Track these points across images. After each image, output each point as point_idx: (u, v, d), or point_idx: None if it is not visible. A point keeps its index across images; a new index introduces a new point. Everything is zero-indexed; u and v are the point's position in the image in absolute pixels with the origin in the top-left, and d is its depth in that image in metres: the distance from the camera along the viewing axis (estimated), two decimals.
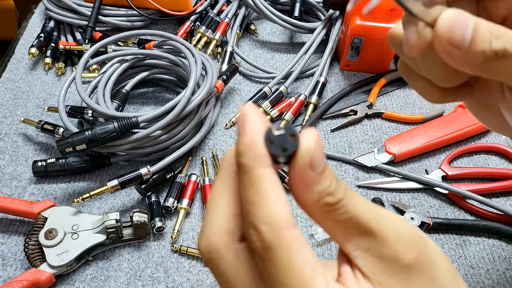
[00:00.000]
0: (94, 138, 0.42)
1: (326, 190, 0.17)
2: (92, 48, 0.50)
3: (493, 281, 0.40)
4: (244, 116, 0.17)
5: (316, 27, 0.60)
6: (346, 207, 0.18)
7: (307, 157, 0.17)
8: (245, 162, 0.17)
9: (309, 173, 0.17)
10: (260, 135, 0.17)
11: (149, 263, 0.41)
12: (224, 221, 0.18)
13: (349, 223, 0.18)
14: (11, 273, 0.40)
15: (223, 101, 0.56)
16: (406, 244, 0.17)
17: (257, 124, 0.17)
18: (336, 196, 0.17)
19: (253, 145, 0.17)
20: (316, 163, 0.17)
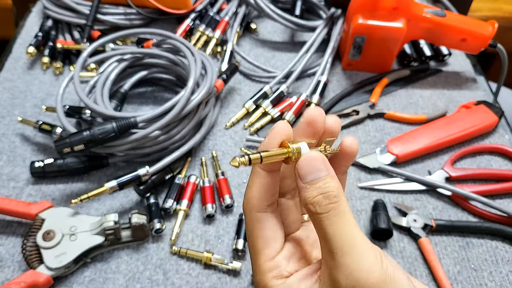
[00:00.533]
0: (92, 139, 0.41)
1: (308, 199, 0.22)
2: (91, 47, 0.49)
3: (496, 283, 0.40)
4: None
5: (318, 26, 0.60)
6: (322, 222, 0.22)
7: (297, 168, 0.23)
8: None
9: (298, 180, 0.23)
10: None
11: (148, 265, 0.40)
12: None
13: (321, 235, 0.22)
14: (8, 274, 0.39)
15: (223, 101, 0.55)
16: (353, 283, 0.21)
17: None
18: (315, 209, 0.22)
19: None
20: (302, 175, 0.23)
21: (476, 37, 0.54)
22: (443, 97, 0.57)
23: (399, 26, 0.52)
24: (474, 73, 0.61)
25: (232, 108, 0.54)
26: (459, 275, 0.41)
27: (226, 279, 0.40)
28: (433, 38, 0.55)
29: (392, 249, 0.42)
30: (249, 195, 0.25)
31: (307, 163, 0.23)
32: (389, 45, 0.54)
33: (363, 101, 0.55)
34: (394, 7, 0.52)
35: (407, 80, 0.58)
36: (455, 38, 0.54)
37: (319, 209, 0.22)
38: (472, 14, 1.06)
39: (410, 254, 0.42)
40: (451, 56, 0.61)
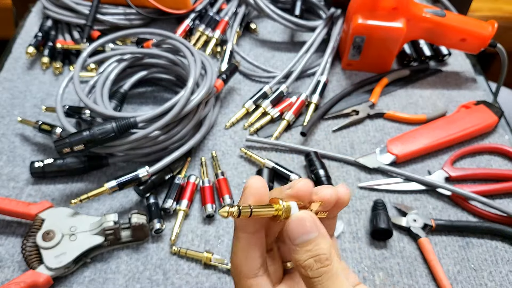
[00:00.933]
0: (92, 139, 0.41)
1: (299, 262, 0.22)
2: (90, 47, 0.49)
3: (496, 283, 0.40)
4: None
5: (317, 26, 0.60)
6: (315, 286, 0.21)
7: (285, 230, 0.22)
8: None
9: (287, 242, 0.22)
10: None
11: (147, 265, 0.40)
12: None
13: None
14: (8, 275, 0.39)
15: (223, 101, 0.55)
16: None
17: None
18: (306, 272, 0.22)
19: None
20: (292, 237, 0.22)
21: (476, 37, 0.54)
22: (443, 97, 0.57)
23: (399, 26, 0.52)
24: (474, 73, 0.61)
25: (232, 108, 0.54)
26: (459, 275, 0.41)
27: (226, 279, 0.40)
28: (433, 38, 0.55)
29: (392, 249, 0.42)
30: (236, 262, 0.24)
31: (296, 225, 0.22)
32: (389, 45, 0.54)
33: (363, 101, 0.55)
34: (394, 7, 0.52)
35: (407, 80, 0.58)
36: (455, 38, 0.54)
37: (311, 273, 0.21)
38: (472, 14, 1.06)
39: (410, 254, 0.42)
40: (451, 56, 0.61)
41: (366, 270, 0.40)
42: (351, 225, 0.44)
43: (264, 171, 0.45)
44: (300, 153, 0.50)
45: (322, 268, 0.21)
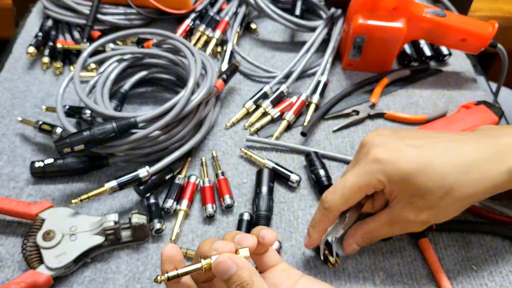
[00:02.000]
0: (92, 139, 0.41)
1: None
2: (91, 47, 0.49)
3: (496, 283, 0.40)
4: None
5: (318, 26, 0.60)
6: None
7: (214, 273, 0.29)
8: None
9: (219, 279, 0.29)
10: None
11: (148, 265, 0.40)
12: None
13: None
14: (8, 274, 0.39)
15: (223, 101, 0.55)
16: None
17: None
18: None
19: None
20: (220, 275, 0.28)
21: (476, 37, 0.54)
22: (443, 97, 0.57)
23: (399, 26, 0.52)
24: (474, 73, 0.61)
25: (232, 108, 0.54)
26: (459, 275, 0.41)
27: None
28: (433, 38, 0.55)
29: (392, 249, 0.42)
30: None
31: (217, 267, 0.28)
32: (389, 45, 0.54)
33: (363, 101, 0.55)
34: (394, 7, 0.52)
35: (407, 80, 0.58)
36: (455, 38, 0.54)
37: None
38: (472, 14, 1.06)
39: (410, 254, 0.42)
40: (451, 56, 0.61)
41: (366, 270, 0.40)
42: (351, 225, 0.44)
43: (264, 171, 0.45)
44: (300, 153, 0.50)
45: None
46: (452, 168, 0.33)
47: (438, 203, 0.33)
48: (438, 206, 0.34)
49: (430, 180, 0.33)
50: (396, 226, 0.36)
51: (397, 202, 0.35)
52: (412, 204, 0.34)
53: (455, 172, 0.33)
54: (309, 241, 0.38)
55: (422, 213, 0.34)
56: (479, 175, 0.33)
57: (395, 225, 0.36)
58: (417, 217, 0.34)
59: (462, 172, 0.33)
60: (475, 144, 0.34)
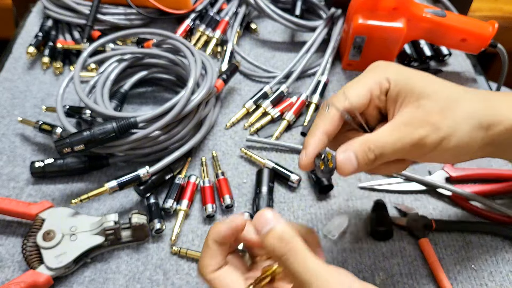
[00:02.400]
0: (92, 139, 0.41)
1: (267, 247, 0.27)
2: (91, 47, 0.49)
3: (496, 283, 0.40)
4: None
5: (318, 26, 0.60)
6: (286, 262, 0.26)
7: (254, 226, 0.28)
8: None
9: (258, 234, 0.28)
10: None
11: (148, 265, 0.40)
12: None
13: (289, 273, 0.26)
14: (8, 274, 0.39)
15: (223, 101, 0.55)
16: None
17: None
18: (274, 253, 0.26)
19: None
20: (259, 230, 0.27)
21: (476, 37, 0.54)
22: None
23: (399, 26, 0.52)
24: (474, 73, 0.61)
25: (232, 108, 0.54)
26: (459, 275, 0.41)
27: None
28: (433, 38, 0.55)
29: (392, 249, 0.42)
30: (202, 263, 0.29)
31: (258, 220, 0.27)
32: (389, 45, 0.54)
33: None
34: (394, 7, 0.52)
35: None
36: (455, 38, 0.54)
37: (278, 252, 0.26)
38: (472, 14, 1.06)
39: (410, 254, 0.42)
40: (451, 56, 0.61)
41: (366, 270, 0.40)
42: (351, 225, 0.44)
43: (264, 171, 0.45)
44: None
45: (287, 245, 0.26)
46: (456, 88, 0.32)
47: (448, 105, 0.30)
48: (448, 109, 0.30)
49: (436, 83, 0.31)
50: (403, 133, 0.30)
51: (404, 107, 0.31)
52: (420, 107, 0.30)
53: (461, 89, 0.31)
54: (305, 153, 0.31)
55: (431, 116, 0.30)
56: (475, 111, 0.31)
57: (402, 130, 0.30)
58: (427, 117, 0.30)
59: (467, 91, 0.31)
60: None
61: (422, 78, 0.31)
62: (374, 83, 0.32)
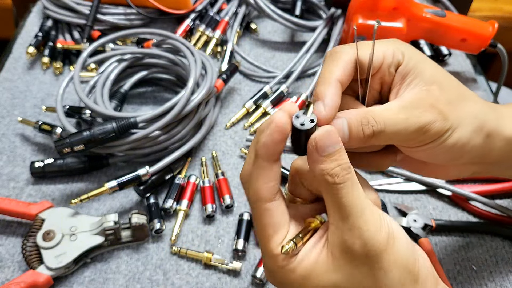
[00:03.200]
0: (92, 139, 0.41)
1: (326, 170, 0.24)
2: (91, 47, 0.49)
3: (496, 283, 0.40)
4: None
5: (318, 26, 0.60)
6: (340, 191, 0.24)
7: (313, 142, 0.24)
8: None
9: (314, 154, 0.24)
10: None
11: (148, 265, 0.40)
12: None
13: (335, 202, 0.24)
14: (8, 275, 0.39)
15: (223, 101, 0.55)
16: (364, 242, 0.24)
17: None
18: (333, 179, 0.24)
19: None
20: (321, 149, 0.24)
21: (476, 37, 0.54)
22: None
23: (399, 26, 0.52)
24: (474, 73, 0.61)
25: (232, 108, 0.54)
26: (459, 275, 0.41)
27: (226, 279, 0.40)
28: (433, 38, 0.55)
29: None
30: (256, 187, 0.25)
31: (325, 137, 0.24)
32: None
33: None
34: (394, 7, 0.52)
35: None
36: (455, 38, 0.54)
37: (338, 179, 0.24)
38: (472, 14, 1.06)
39: None
40: (451, 56, 0.61)
41: None
42: None
43: None
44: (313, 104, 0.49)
45: (347, 175, 0.24)
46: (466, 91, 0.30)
47: (457, 99, 0.28)
48: (456, 102, 0.28)
49: (446, 74, 0.29)
50: (411, 114, 0.27)
51: (413, 88, 0.28)
52: (429, 92, 0.28)
53: (468, 89, 0.30)
54: (323, 104, 0.27)
55: (440, 104, 0.27)
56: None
57: (409, 111, 0.27)
58: (436, 103, 0.27)
59: (475, 94, 0.30)
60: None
61: (434, 65, 0.29)
62: (389, 50, 0.29)
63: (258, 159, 0.25)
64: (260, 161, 0.25)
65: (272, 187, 0.26)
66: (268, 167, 0.25)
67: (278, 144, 0.25)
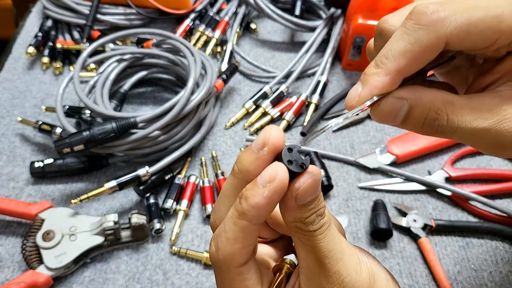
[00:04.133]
0: (92, 139, 0.41)
1: (301, 219, 0.21)
2: (90, 47, 0.49)
3: (496, 283, 0.40)
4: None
5: (317, 26, 0.60)
6: (314, 238, 0.21)
7: (295, 192, 0.21)
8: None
9: (291, 202, 0.21)
10: None
11: (147, 265, 0.40)
12: None
13: (310, 248, 0.22)
14: (8, 275, 0.39)
15: (223, 101, 0.55)
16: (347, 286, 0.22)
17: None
18: (307, 228, 0.21)
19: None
20: (300, 199, 0.21)
21: None
22: None
23: None
24: None
25: (232, 108, 0.54)
26: (459, 275, 0.41)
27: None
28: None
29: (392, 249, 0.42)
30: (232, 251, 0.21)
31: (309, 190, 0.21)
32: None
33: None
34: (394, 7, 0.52)
35: None
36: None
37: (313, 227, 0.21)
38: None
39: (410, 254, 0.42)
40: None
41: None
42: (351, 225, 0.44)
43: None
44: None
45: (322, 220, 0.22)
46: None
47: None
48: None
49: None
50: (497, 121, 0.21)
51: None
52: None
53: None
54: (365, 82, 0.22)
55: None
56: None
57: (495, 118, 0.21)
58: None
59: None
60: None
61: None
62: (510, 27, 0.20)
63: (243, 220, 0.21)
64: (246, 224, 0.21)
65: (251, 249, 0.22)
66: (254, 230, 0.21)
67: (275, 205, 0.21)
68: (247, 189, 0.21)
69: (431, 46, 0.20)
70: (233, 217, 0.21)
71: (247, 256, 0.22)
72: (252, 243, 0.22)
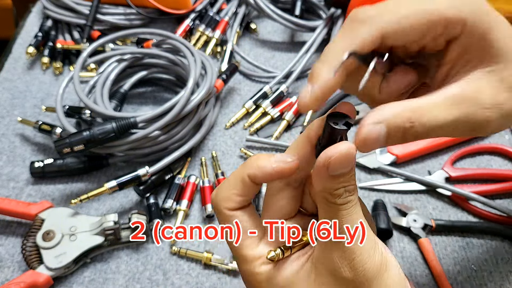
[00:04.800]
0: (92, 139, 0.41)
1: (330, 190, 0.22)
2: (90, 47, 0.49)
3: (496, 283, 0.40)
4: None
5: (318, 26, 0.60)
6: (339, 212, 0.22)
7: (327, 160, 0.21)
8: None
9: (323, 170, 0.22)
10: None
11: (147, 265, 0.40)
12: None
13: (331, 220, 0.23)
14: (8, 275, 0.39)
15: (223, 101, 0.55)
16: (355, 266, 0.22)
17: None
18: (334, 200, 0.22)
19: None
20: (332, 169, 0.21)
21: None
22: None
23: None
24: None
25: (232, 108, 0.54)
26: (459, 275, 0.41)
27: (226, 279, 0.40)
28: None
29: (392, 249, 0.42)
30: (225, 194, 0.25)
31: (341, 160, 0.21)
32: None
33: None
34: None
35: None
36: None
37: (339, 200, 0.22)
38: None
39: (410, 254, 0.42)
40: None
41: None
42: None
43: None
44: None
45: (350, 197, 0.22)
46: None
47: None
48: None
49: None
50: (459, 109, 0.22)
51: (469, 70, 0.22)
52: (490, 74, 0.22)
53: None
54: (313, 79, 0.22)
55: (503, 92, 0.22)
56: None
57: (458, 106, 0.22)
58: (496, 97, 0.22)
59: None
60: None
61: (508, 28, 0.23)
62: (440, 17, 0.22)
63: (246, 176, 0.24)
64: (247, 179, 0.24)
65: (246, 200, 0.25)
66: (253, 186, 0.24)
67: (269, 179, 0.24)
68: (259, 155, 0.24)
69: (368, 38, 0.22)
70: (240, 169, 0.24)
71: (241, 204, 0.25)
72: (248, 194, 0.25)
